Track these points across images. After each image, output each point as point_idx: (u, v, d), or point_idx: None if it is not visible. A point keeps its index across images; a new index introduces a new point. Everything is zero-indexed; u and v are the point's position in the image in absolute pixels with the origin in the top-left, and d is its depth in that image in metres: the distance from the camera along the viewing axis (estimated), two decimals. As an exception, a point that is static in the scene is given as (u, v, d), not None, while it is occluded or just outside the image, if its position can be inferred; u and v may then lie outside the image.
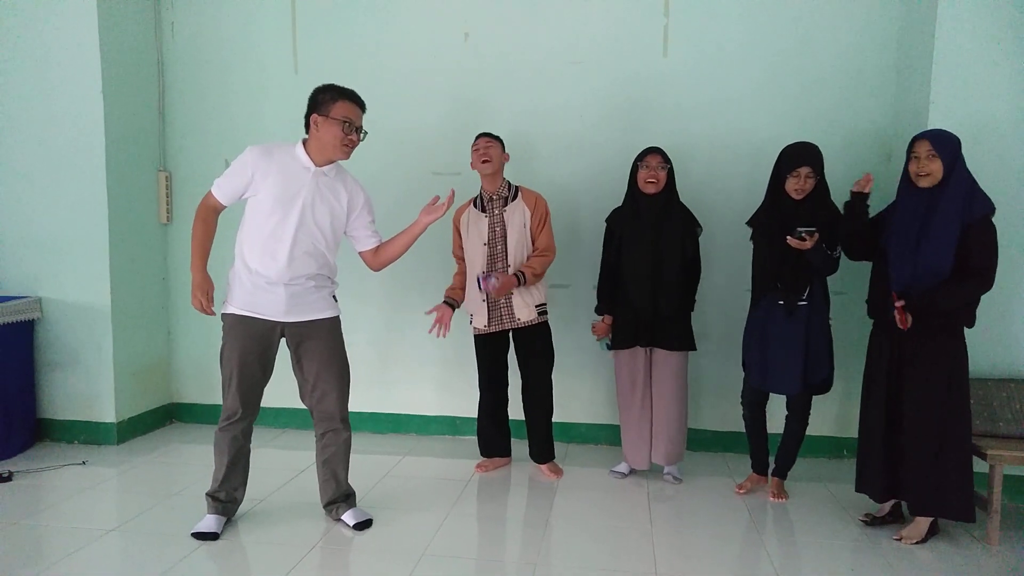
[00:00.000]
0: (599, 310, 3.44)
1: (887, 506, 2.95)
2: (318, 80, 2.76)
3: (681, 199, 3.38)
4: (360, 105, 2.72)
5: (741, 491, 3.25)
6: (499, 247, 3.34)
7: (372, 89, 3.94)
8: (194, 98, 4.16)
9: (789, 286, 3.01)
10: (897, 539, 2.80)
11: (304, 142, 2.71)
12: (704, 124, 3.78)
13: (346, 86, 2.70)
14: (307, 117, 2.68)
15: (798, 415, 3.16)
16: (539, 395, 3.45)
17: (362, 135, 2.72)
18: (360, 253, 2.93)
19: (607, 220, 3.45)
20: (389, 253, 2.90)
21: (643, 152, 3.31)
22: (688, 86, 3.78)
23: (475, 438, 3.68)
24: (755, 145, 3.67)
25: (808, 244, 2.88)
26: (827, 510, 3.13)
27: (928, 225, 2.66)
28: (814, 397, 3.19)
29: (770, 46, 3.71)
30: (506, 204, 3.36)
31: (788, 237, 2.90)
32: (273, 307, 2.68)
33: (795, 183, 2.99)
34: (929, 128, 3.18)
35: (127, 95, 3.89)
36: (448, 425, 4.13)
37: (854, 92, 3.66)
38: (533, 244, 3.37)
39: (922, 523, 2.79)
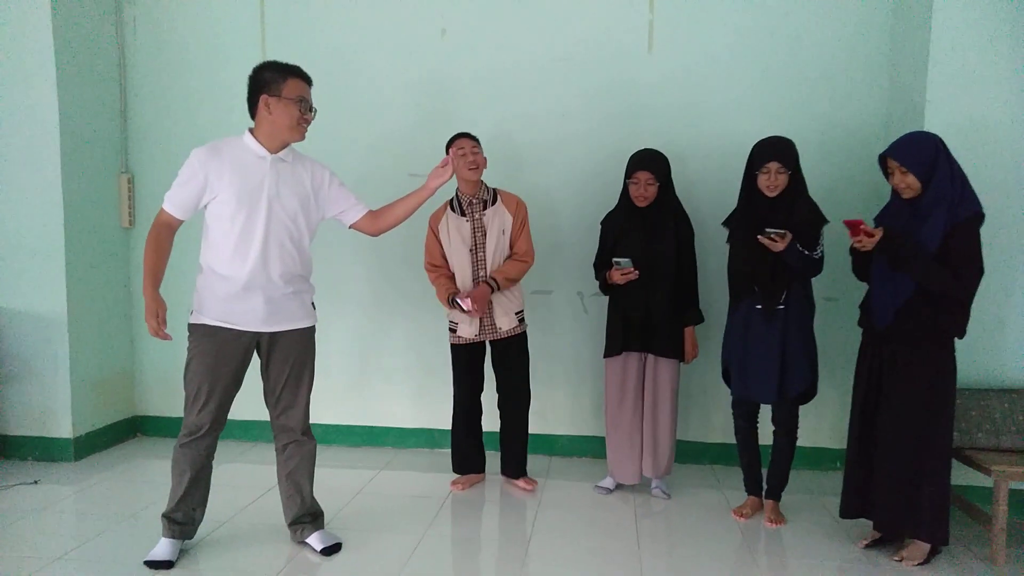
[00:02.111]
0: (603, 285, 3.28)
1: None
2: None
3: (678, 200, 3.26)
4: (309, 81, 2.54)
5: (742, 518, 3.06)
6: (480, 253, 3.19)
7: (346, 89, 3.83)
8: (158, 97, 3.95)
9: (766, 289, 2.86)
10: (897, 560, 2.65)
11: (251, 130, 2.52)
12: (690, 122, 3.63)
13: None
14: (251, 100, 2.49)
15: (784, 428, 2.98)
16: (518, 407, 3.33)
17: (313, 113, 2.54)
18: (352, 226, 2.75)
19: (601, 223, 3.33)
20: (392, 218, 2.75)
21: (633, 166, 3.14)
22: (673, 83, 3.63)
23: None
24: (743, 144, 3.47)
25: (780, 245, 2.73)
26: (822, 527, 2.99)
27: (914, 232, 2.55)
28: (808, 407, 3.05)
29: (759, 42, 3.57)
30: (485, 207, 3.21)
31: (758, 236, 2.76)
32: (251, 317, 2.49)
33: (766, 179, 2.84)
34: (926, 127, 3.07)
35: (85, 94, 3.68)
36: (426, 438, 3.95)
37: (846, 89, 3.53)
38: (511, 249, 3.23)
39: (923, 543, 2.64)
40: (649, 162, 3.12)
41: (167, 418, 4.07)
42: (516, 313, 3.25)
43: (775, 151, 2.83)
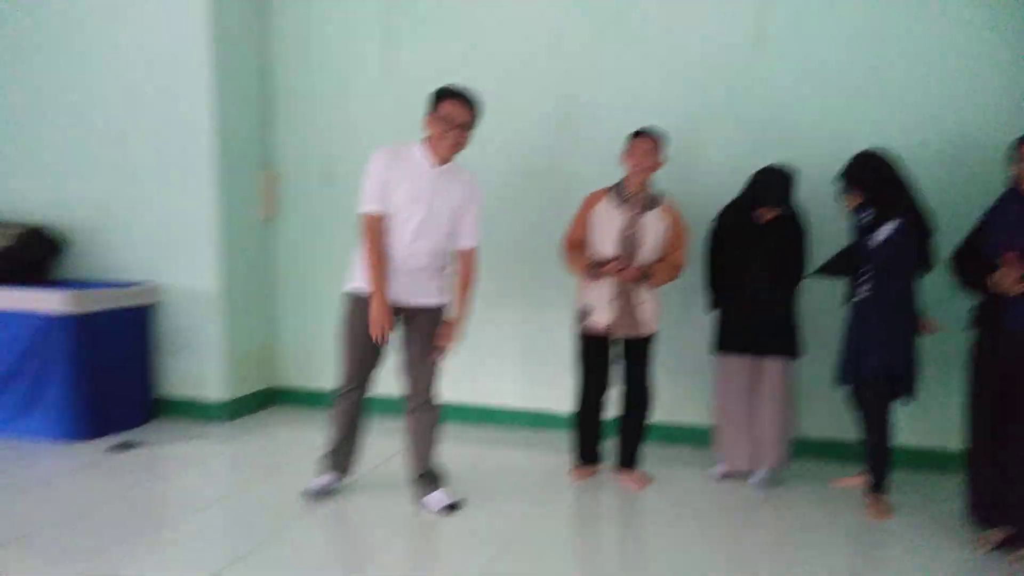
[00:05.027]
0: (712, 305, 3.37)
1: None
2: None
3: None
4: (465, 103, 2.80)
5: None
6: (626, 247, 3.17)
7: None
8: (296, 100, 4.35)
9: (842, 272, 3.09)
10: (1016, 559, 2.59)
11: (423, 141, 2.86)
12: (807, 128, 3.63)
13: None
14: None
15: (868, 418, 3.01)
16: (641, 399, 3.32)
17: (462, 134, 2.81)
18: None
19: (719, 217, 3.32)
20: (455, 283, 3.02)
21: (777, 196, 3.14)
22: (788, 85, 3.64)
23: (560, 432, 3.62)
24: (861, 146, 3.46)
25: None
26: (932, 527, 2.93)
27: None
28: (916, 407, 3.01)
29: (874, 45, 3.52)
30: (644, 209, 3.20)
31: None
32: (400, 290, 2.86)
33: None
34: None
35: (237, 99, 4.14)
36: (537, 419, 4.12)
37: (971, 85, 3.43)
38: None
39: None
40: (787, 202, 3.21)
41: (300, 391, 4.47)
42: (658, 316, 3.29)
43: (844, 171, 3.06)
